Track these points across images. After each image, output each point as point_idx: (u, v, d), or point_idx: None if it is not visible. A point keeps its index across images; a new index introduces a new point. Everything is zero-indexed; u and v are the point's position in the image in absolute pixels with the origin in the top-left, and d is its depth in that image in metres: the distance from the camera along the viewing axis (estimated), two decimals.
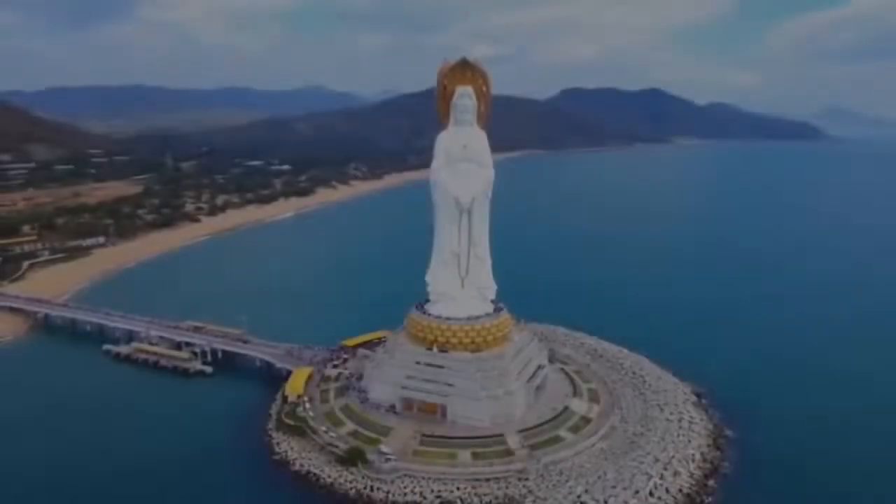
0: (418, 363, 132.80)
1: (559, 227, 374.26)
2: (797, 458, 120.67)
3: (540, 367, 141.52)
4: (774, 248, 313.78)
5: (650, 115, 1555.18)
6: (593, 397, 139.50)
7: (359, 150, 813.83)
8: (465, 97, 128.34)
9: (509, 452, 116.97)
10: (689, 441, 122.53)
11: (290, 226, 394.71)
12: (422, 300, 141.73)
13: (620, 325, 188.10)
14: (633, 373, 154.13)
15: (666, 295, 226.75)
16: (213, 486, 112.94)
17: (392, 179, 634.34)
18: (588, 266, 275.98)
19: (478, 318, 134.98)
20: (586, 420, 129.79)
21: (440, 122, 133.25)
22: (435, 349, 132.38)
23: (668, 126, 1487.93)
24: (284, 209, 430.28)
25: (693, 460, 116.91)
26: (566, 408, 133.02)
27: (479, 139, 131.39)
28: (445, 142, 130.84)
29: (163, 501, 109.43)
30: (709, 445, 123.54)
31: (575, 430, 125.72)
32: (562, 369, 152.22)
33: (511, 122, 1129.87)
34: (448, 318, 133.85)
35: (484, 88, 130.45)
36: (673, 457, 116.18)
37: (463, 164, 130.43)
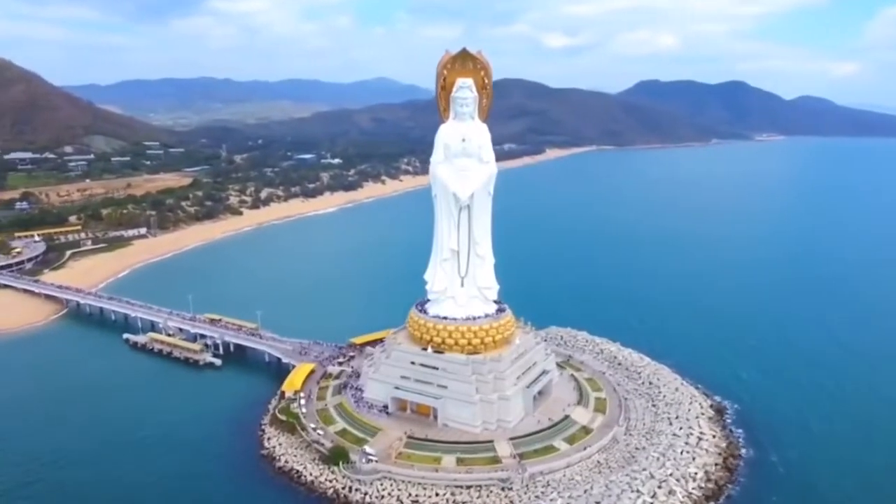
0: (413, 363, 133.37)
1: (603, 228, 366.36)
2: (817, 485, 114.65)
3: (544, 373, 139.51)
4: (841, 262, 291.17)
5: (730, 109, 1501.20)
6: (599, 407, 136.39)
7: (417, 143, 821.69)
8: (464, 89, 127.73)
9: (496, 460, 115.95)
10: (694, 458, 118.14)
11: (329, 221, 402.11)
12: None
13: (648, 333, 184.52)
14: (650, 383, 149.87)
15: (704, 304, 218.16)
16: (197, 477, 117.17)
17: None
18: (623, 269, 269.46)
19: (476, 318, 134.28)
20: (586, 430, 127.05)
21: (440, 117, 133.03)
22: (429, 349, 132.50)
23: (749, 121, 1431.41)
24: (328, 204, 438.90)
25: (694, 479, 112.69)
26: (566, 417, 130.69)
27: (479, 133, 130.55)
28: (444, 135, 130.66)
29: (145, 485, 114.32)
30: (717, 464, 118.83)
31: (571, 440, 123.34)
32: (572, 376, 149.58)
33: (579, 118, 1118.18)
34: (444, 318, 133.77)
35: (485, 80, 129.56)
36: (671, 474, 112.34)
37: (462, 159, 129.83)
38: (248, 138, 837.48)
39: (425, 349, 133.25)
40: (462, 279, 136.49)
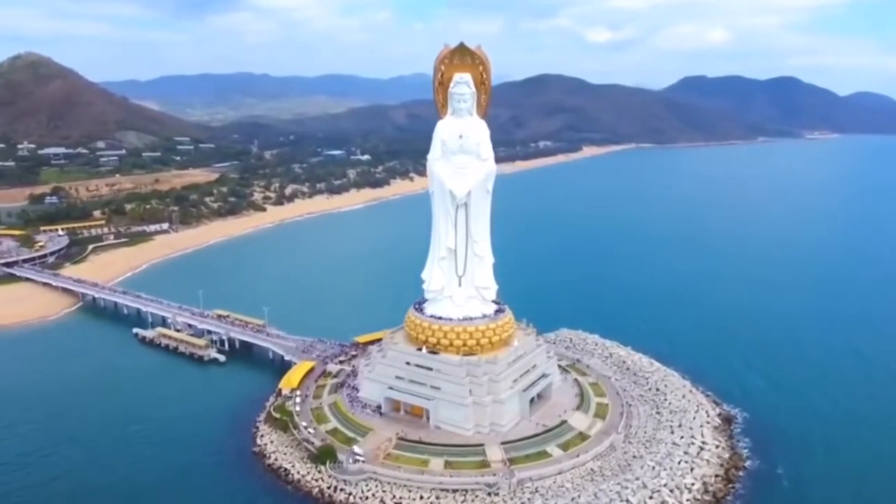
0: (408, 363, 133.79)
1: (627, 228, 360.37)
2: (821, 500, 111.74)
3: (544, 376, 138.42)
4: (877, 269, 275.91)
5: (780, 106, 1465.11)
6: (600, 412, 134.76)
7: None
8: (461, 84, 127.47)
9: (485, 464, 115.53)
10: (692, 469, 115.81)
11: (352, 218, 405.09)
12: None
13: (662, 337, 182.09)
14: (657, 389, 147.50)
15: (724, 308, 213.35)
16: (187, 471, 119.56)
17: None
18: (643, 270, 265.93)
19: (472, 319, 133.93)
20: (583, 437, 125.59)
21: (438, 113, 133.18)
22: (424, 350, 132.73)
23: (800, 119, 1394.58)
24: (353, 201, 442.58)
25: (689, 490, 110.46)
26: (563, 422, 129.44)
27: (477, 129, 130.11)
28: (441, 132, 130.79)
29: (135, 477, 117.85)
30: (717, 476, 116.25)
31: (566, 446, 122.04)
32: (576, 380, 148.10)
33: (619, 114, 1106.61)
34: (440, 318, 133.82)
35: (484, 76, 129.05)
36: (665, 484, 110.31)
37: (460, 156, 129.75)
38: (281, 134, 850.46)
39: (420, 349, 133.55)
40: (460, 279, 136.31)
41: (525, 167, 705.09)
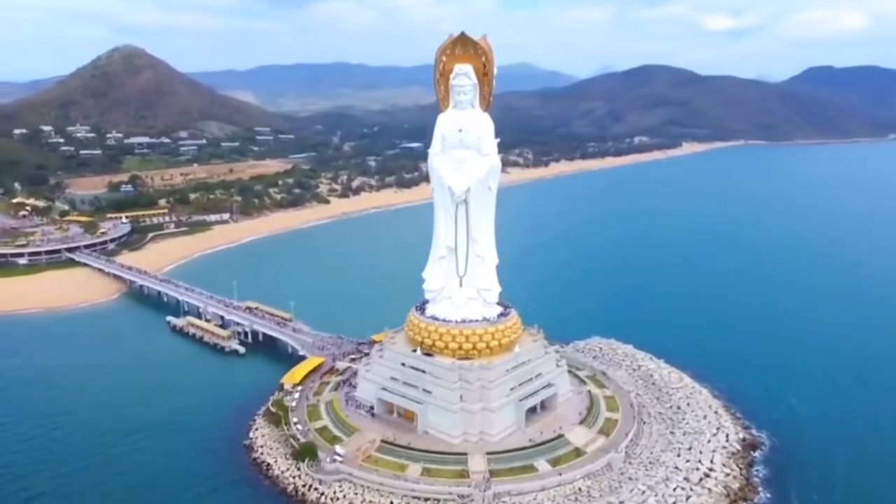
0: (403, 365, 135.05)
1: (695, 233, 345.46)
2: None
3: (548, 386, 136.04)
4: None
5: None
6: (606, 429, 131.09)
7: (538, 133, 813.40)
8: (462, 76, 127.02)
9: (463, 474, 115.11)
10: (688, 497, 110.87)
11: (415, 212, 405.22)
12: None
13: (703, 351, 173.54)
14: (678, 407, 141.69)
15: (783, 325, 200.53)
16: (173, 456, 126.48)
17: (559, 167, 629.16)
18: (698, 279, 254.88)
19: (471, 321, 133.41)
20: (578, 453, 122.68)
21: (439, 106, 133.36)
22: (418, 351, 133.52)
23: None
24: (421, 195, 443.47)
25: None
26: (560, 436, 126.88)
27: (478, 123, 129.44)
28: (441, 125, 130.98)
29: (122, 453, 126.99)
30: None
31: (556, 462, 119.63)
32: (589, 392, 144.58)
33: (728, 108, 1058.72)
34: (436, 319, 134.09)
35: (486, 67, 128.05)
36: None
37: (459, 151, 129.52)
38: (366, 125, 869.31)
39: (415, 351, 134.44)
40: (461, 279, 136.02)
41: (614, 164, 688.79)
